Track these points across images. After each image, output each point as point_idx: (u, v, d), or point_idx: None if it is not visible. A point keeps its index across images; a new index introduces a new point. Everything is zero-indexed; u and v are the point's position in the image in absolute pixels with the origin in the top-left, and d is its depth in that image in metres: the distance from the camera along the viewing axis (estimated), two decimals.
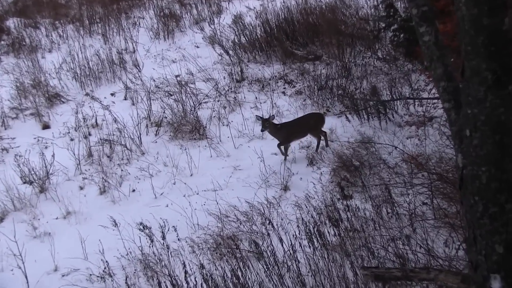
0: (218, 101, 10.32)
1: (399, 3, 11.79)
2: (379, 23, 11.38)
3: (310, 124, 8.35)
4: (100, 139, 9.28)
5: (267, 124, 8.14)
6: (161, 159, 8.85)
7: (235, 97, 10.46)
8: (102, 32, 13.41)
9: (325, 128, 8.86)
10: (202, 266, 5.84)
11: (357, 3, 12.85)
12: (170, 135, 9.56)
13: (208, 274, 5.68)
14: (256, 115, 8.36)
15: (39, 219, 7.66)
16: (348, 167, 7.53)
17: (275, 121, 8.49)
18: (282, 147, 8.35)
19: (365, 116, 9.12)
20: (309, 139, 8.76)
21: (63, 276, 6.56)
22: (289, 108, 9.86)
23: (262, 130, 8.16)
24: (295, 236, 6.14)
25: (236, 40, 11.94)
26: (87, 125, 9.84)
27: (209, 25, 13.24)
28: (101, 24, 13.75)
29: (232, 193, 7.63)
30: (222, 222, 6.87)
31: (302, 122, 8.39)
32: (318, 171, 7.92)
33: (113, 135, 9.42)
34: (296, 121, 8.51)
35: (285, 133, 8.28)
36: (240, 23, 12.53)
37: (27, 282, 6.44)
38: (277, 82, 10.77)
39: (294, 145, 8.67)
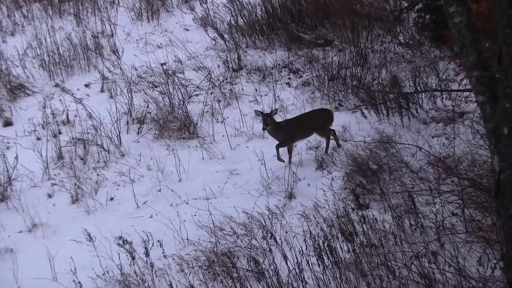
0: (211, 93, 10.31)
1: None
2: (401, 2, 11.38)
3: (317, 122, 8.33)
4: (72, 138, 9.28)
5: (269, 120, 8.10)
6: (144, 162, 8.86)
7: (231, 89, 10.46)
8: (74, 12, 13.37)
9: (337, 125, 8.85)
10: None
11: None
12: (154, 133, 9.57)
13: None
14: (255, 110, 8.35)
15: None
16: (364, 171, 7.52)
17: (276, 118, 8.47)
18: (281, 149, 8.34)
19: (384, 111, 9.12)
20: (318, 138, 8.78)
21: None
22: (294, 102, 9.86)
23: (264, 128, 8.11)
24: (301, 253, 6.12)
25: (233, 22, 11.94)
26: (56, 121, 9.83)
27: (200, 4, 13.23)
28: (73, 2, 13.74)
29: (227, 202, 7.63)
30: (216, 236, 6.86)
31: (307, 119, 8.36)
32: (329, 176, 7.92)
33: (88, 133, 9.42)
34: (300, 118, 8.47)
35: (287, 132, 8.27)
36: (237, 1, 12.53)
37: None
38: (281, 72, 10.78)
39: (301, 145, 8.67)
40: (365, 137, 8.56)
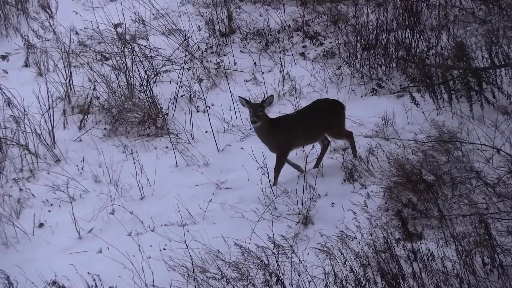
0: (188, 69, 10.28)
1: None
2: None
3: (329, 117, 8.37)
4: None
5: (260, 112, 8.14)
6: (90, 171, 8.87)
7: (218, 63, 10.41)
8: None
9: (375, 115, 8.90)
10: None
11: None
12: (105, 128, 9.57)
13: None
14: (239, 97, 8.30)
15: None
16: (415, 184, 7.49)
17: (271, 111, 8.44)
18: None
19: (445, 95, 9.12)
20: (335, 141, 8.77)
21: None
22: (312, 82, 9.85)
23: (253, 122, 8.03)
24: None
25: None
26: None
27: None
28: None
29: (213, 230, 7.62)
30: (196, 281, 6.84)
31: (313, 114, 8.43)
32: (363, 192, 7.89)
33: (5, 128, 9.44)
34: (303, 114, 8.46)
35: (285, 133, 8.27)
36: None
37: None
38: (292, 37, 10.73)
39: (318, 147, 8.66)
40: (417, 133, 8.57)
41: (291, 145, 8.35)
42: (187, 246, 7.13)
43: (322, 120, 8.32)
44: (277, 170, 8.32)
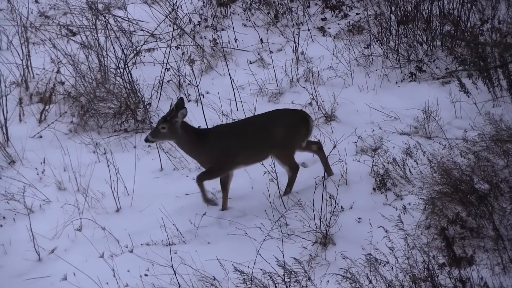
0: (177, 48, 10.32)
1: None
2: None
3: (276, 133, 8.35)
4: None
5: (162, 128, 8.10)
6: (52, 175, 8.88)
7: (215, 39, 10.44)
8: None
9: (415, 107, 8.91)
10: None
11: None
12: (71, 122, 9.61)
13: None
14: (179, 98, 8.35)
15: None
16: (465, 194, 7.49)
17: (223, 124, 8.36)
18: (209, 182, 8.37)
19: (504, 82, 9.13)
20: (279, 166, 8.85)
21: None
22: (333, 64, 9.89)
23: (146, 140, 8.20)
24: None
25: None
26: None
27: None
28: None
29: (207, 251, 7.62)
30: None
31: (258, 127, 8.42)
32: (397, 204, 7.89)
33: None
34: (246, 124, 8.52)
35: (218, 149, 8.31)
36: None
37: None
38: (308, 7, 10.74)
39: (345, 146, 8.64)
40: (467, 130, 8.57)
41: (226, 165, 8.32)
42: (174, 272, 7.14)
43: (270, 134, 8.30)
44: (200, 178, 8.30)
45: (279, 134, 8.28)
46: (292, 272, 6.83)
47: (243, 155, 8.31)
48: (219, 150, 8.27)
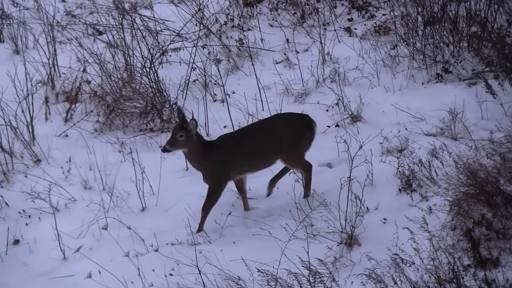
0: (203, 47, 10.34)
1: None
2: None
3: (281, 139, 8.26)
4: None
5: (180, 136, 8.01)
6: (78, 174, 8.91)
7: (241, 39, 10.46)
8: None
9: (441, 108, 8.88)
10: None
11: None
12: (97, 121, 9.63)
13: None
14: (178, 107, 8.23)
15: None
16: (491, 196, 7.45)
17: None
18: (219, 188, 8.19)
19: None
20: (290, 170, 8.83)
21: None
22: (359, 65, 9.89)
23: (164, 150, 7.92)
24: None
25: None
26: None
27: None
28: None
29: (231, 251, 7.64)
30: None
31: (263, 133, 8.31)
32: (423, 205, 7.86)
33: None
34: (251, 132, 8.41)
35: (222, 158, 8.18)
36: None
37: None
38: (335, 7, 10.70)
39: (370, 147, 8.61)
40: (493, 131, 8.52)
41: (228, 174, 8.23)
42: (199, 271, 7.14)
43: (274, 140, 8.25)
44: (207, 207, 8.16)
45: (284, 139, 8.24)
46: (317, 273, 6.82)
47: (249, 164, 8.25)
48: (223, 163, 8.17)
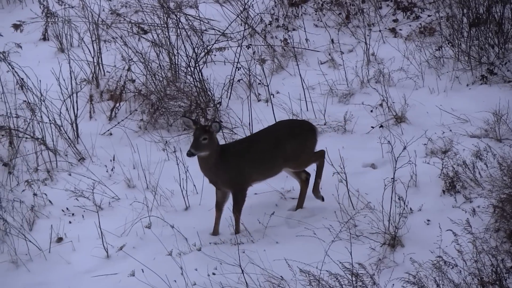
0: (248, 47, 10.37)
1: None
2: None
3: (286, 145, 8.22)
4: None
5: (204, 139, 7.96)
6: (122, 173, 8.97)
7: (286, 39, 10.44)
8: None
9: (484, 109, 8.87)
10: None
11: None
12: (141, 120, 9.70)
13: None
14: (183, 117, 8.21)
15: None
16: None
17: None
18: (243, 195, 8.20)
19: None
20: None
21: None
22: (404, 66, 9.88)
23: (189, 155, 7.84)
24: None
25: None
26: None
27: None
28: None
29: (274, 251, 7.66)
30: None
31: (269, 141, 8.27)
32: (467, 206, 7.86)
33: (17, 116, 9.53)
34: (260, 138, 8.40)
35: (235, 163, 8.18)
36: None
37: None
38: (380, 8, 10.66)
39: (415, 148, 8.58)
40: None
41: (248, 178, 8.23)
42: (242, 271, 7.16)
43: (279, 147, 8.24)
44: (237, 209, 8.16)
45: (289, 146, 8.24)
46: (359, 274, 6.82)
47: (258, 172, 8.25)
48: (237, 169, 8.16)
